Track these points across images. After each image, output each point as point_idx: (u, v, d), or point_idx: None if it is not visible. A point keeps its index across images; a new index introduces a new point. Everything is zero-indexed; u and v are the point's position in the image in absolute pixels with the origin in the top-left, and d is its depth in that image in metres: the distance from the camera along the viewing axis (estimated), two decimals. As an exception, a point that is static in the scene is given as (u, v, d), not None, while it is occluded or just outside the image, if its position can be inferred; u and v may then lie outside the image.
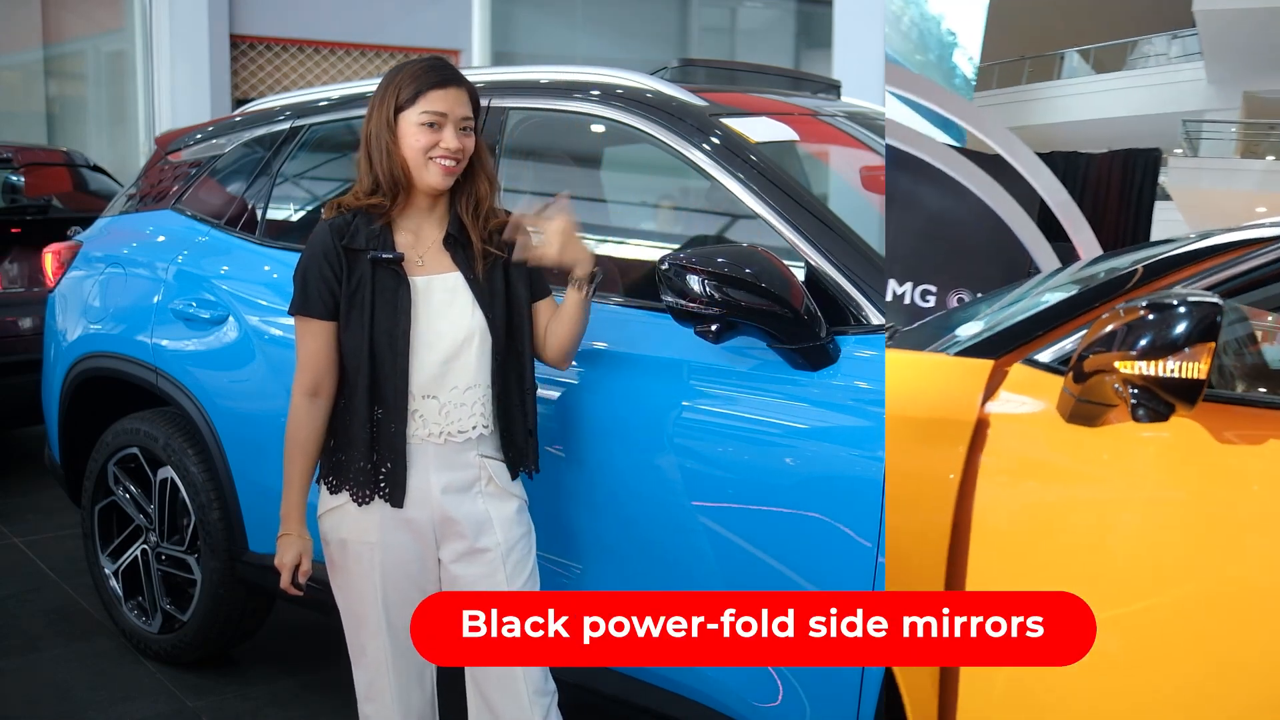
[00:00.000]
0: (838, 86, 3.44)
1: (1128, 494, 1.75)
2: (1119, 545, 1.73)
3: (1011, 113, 12.97)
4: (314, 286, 2.17)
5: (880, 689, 2.06)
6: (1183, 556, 1.70)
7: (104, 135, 9.95)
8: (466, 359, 2.19)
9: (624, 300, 2.61)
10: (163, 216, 3.64)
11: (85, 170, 6.11)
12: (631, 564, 2.45)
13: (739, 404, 2.29)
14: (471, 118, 2.19)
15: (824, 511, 2.16)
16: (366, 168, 2.19)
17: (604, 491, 2.47)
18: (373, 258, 2.15)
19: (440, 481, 2.21)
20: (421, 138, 2.14)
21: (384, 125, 2.16)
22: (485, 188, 2.24)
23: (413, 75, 2.16)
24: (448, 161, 2.15)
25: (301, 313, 2.19)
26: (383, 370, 2.15)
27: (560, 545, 2.53)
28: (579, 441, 2.50)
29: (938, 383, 1.93)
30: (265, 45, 9.18)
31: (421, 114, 2.13)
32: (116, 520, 3.61)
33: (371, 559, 2.22)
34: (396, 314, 2.15)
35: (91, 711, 3.26)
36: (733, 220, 2.67)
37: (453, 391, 2.19)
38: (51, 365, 3.84)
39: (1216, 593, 1.67)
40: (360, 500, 2.19)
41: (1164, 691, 1.70)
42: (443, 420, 2.19)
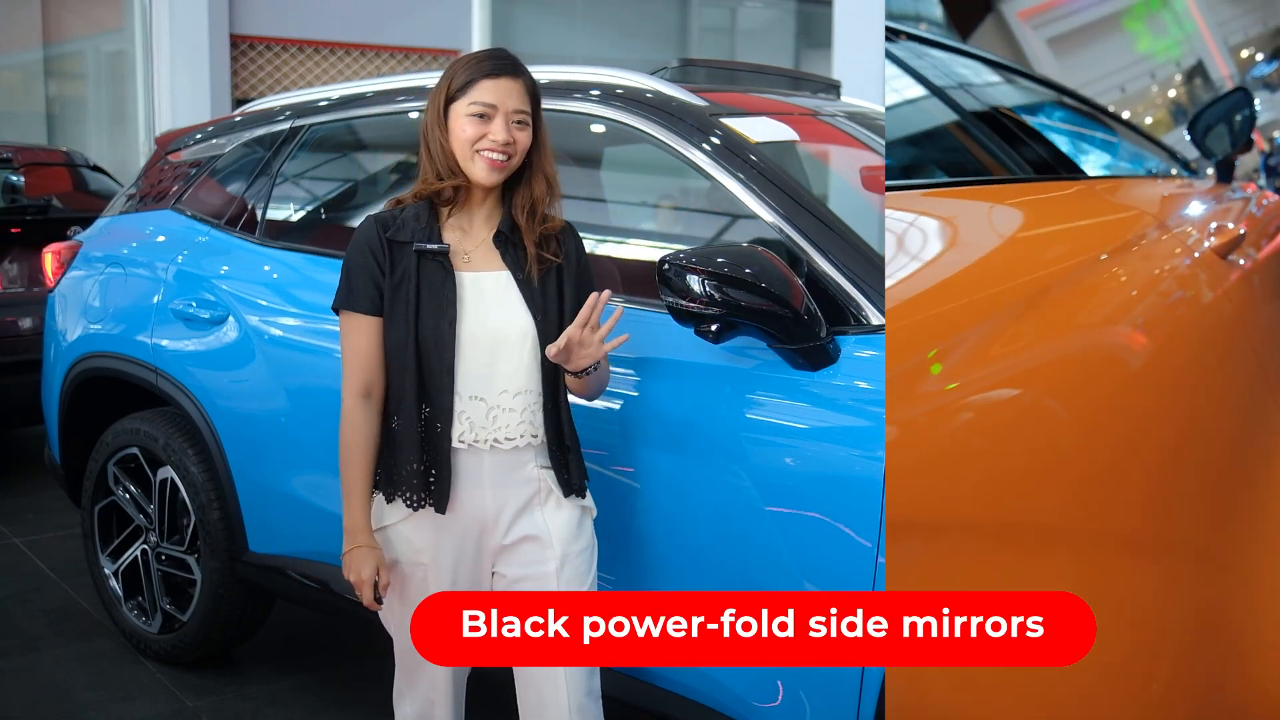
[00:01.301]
0: (838, 86, 3.44)
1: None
2: None
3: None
4: (358, 280, 2.09)
5: (880, 689, 2.06)
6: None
7: (104, 135, 9.95)
8: (517, 362, 2.10)
9: (623, 300, 2.61)
10: (163, 216, 3.64)
11: (85, 170, 6.11)
12: (633, 564, 2.45)
13: (739, 404, 2.29)
14: (527, 111, 2.09)
15: (824, 511, 2.16)
16: (427, 161, 2.12)
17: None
18: (418, 250, 2.08)
19: (493, 491, 2.11)
20: (469, 128, 2.05)
21: (436, 117, 2.09)
22: (542, 189, 2.14)
23: (466, 65, 2.08)
24: (496, 155, 2.06)
25: (346, 307, 2.11)
26: (429, 366, 2.06)
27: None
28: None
29: None
30: (265, 45, 9.18)
31: (470, 104, 2.05)
32: (116, 520, 3.61)
33: (424, 580, 2.12)
34: (442, 307, 2.06)
35: (91, 711, 3.26)
36: (733, 220, 2.67)
37: (502, 395, 2.09)
38: (51, 365, 3.84)
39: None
40: (414, 505, 2.09)
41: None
42: (490, 424, 2.09)
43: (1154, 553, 1.76)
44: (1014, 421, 1.55)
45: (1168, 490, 1.84)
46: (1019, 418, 1.56)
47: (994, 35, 8.96)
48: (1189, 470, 1.94)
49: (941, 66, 2.94)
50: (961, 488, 1.45)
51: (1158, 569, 1.76)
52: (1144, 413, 1.83)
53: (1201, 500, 1.97)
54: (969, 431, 1.49)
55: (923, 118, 2.62)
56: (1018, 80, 3.56)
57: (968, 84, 3.04)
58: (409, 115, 3.17)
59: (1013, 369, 1.61)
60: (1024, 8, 9.01)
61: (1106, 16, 9.18)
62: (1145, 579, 1.73)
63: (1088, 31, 9.18)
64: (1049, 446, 1.58)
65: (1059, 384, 1.66)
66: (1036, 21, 9.03)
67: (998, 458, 1.50)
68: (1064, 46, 9.09)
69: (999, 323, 1.65)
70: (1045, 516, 1.56)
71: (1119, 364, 1.84)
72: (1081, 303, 1.87)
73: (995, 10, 9.04)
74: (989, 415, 1.53)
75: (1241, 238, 2.78)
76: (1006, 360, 1.61)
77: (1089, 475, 1.64)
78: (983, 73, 3.30)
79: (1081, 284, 1.92)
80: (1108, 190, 3.00)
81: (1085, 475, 1.63)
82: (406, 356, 2.06)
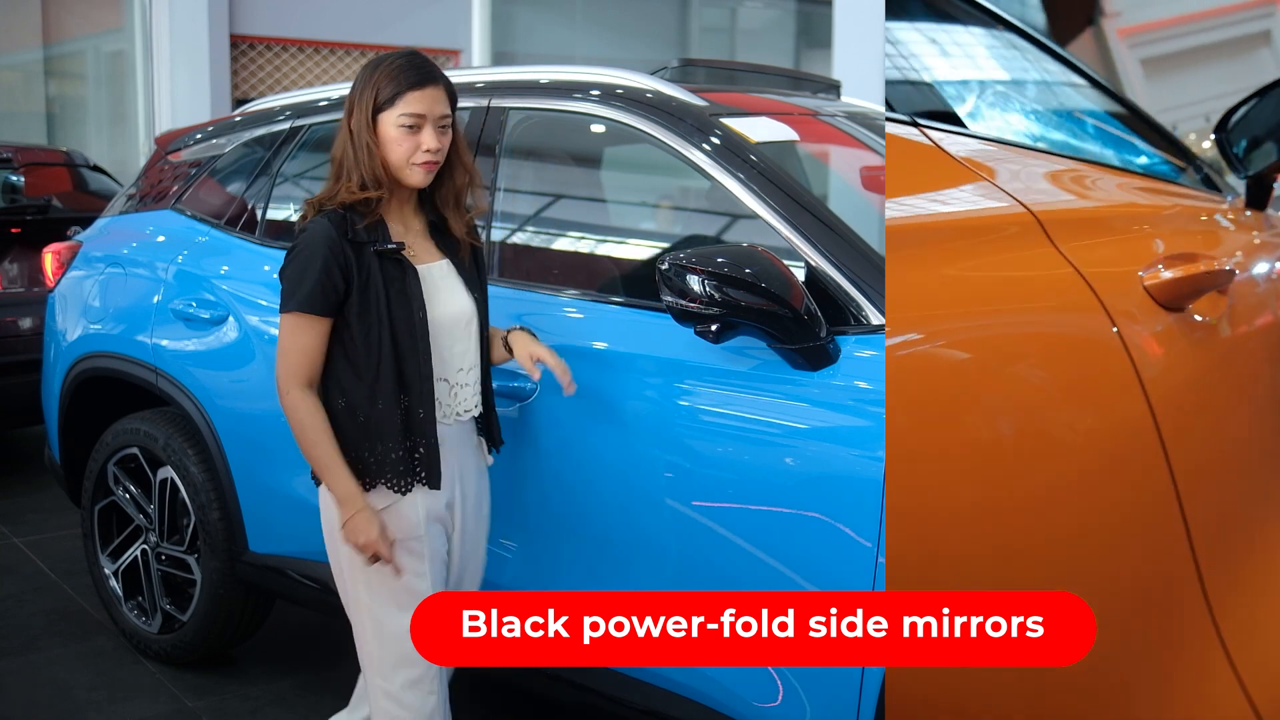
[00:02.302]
0: (838, 86, 3.44)
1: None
2: None
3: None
4: (318, 283, 2.14)
5: (880, 689, 2.06)
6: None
7: (104, 135, 9.95)
8: (467, 342, 2.30)
9: (624, 300, 2.61)
10: (163, 216, 3.64)
11: (85, 170, 6.11)
12: (633, 566, 2.45)
13: (739, 404, 2.29)
14: (449, 114, 2.23)
15: (824, 511, 2.16)
16: (353, 164, 2.19)
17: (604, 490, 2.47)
18: (377, 250, 2.18)
19: (460, 460, 2.33)
20: (404, 141, 2.17)
21: (364, 125, 2.18)
22: (464, 179, 2.30)
23: (390, 75, 2.17)
24: (430, 160, 2.20)
25: (305, 310, 2.16)
26: (406, 358, 2.19)
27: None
28: (575, 438, 2.50)
29: None
30: (265, 45, 9.18)
31: (400, 116, 2.16)
32: (116, 520, 3.61)
33: (421, 553, 2.25)
34: (410, 302, 2.19)
35: (91, 711, 3.26)
36: (733, 220, 2.67)
37: (459, 373, 2.30)
38: (51, 365, 3.84)
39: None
40: (401, 489, 2.20)
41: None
42: (452, 401, 2.29)
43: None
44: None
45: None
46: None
47: (1088, 48, 9.06)
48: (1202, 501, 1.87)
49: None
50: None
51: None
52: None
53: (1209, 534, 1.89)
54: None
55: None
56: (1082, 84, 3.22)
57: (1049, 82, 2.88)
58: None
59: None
60: (1126, 25, 9.09)
61: (1207, 45, 9.20)
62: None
63: (1183, 57, 9.24)
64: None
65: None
66: (1135, 41, 9.14)
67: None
68: (1157, 68, 9.18)
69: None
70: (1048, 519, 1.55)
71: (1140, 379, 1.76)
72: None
73: (1096, 25, 9.13)
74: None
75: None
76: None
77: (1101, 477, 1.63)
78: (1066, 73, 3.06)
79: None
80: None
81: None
82: (383, 353, 2.17)
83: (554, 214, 3.21)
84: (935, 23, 2.55)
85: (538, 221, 3.17)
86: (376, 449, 2.19)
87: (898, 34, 2.17)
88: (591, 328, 2.59)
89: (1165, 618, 1.77)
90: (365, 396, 2.19)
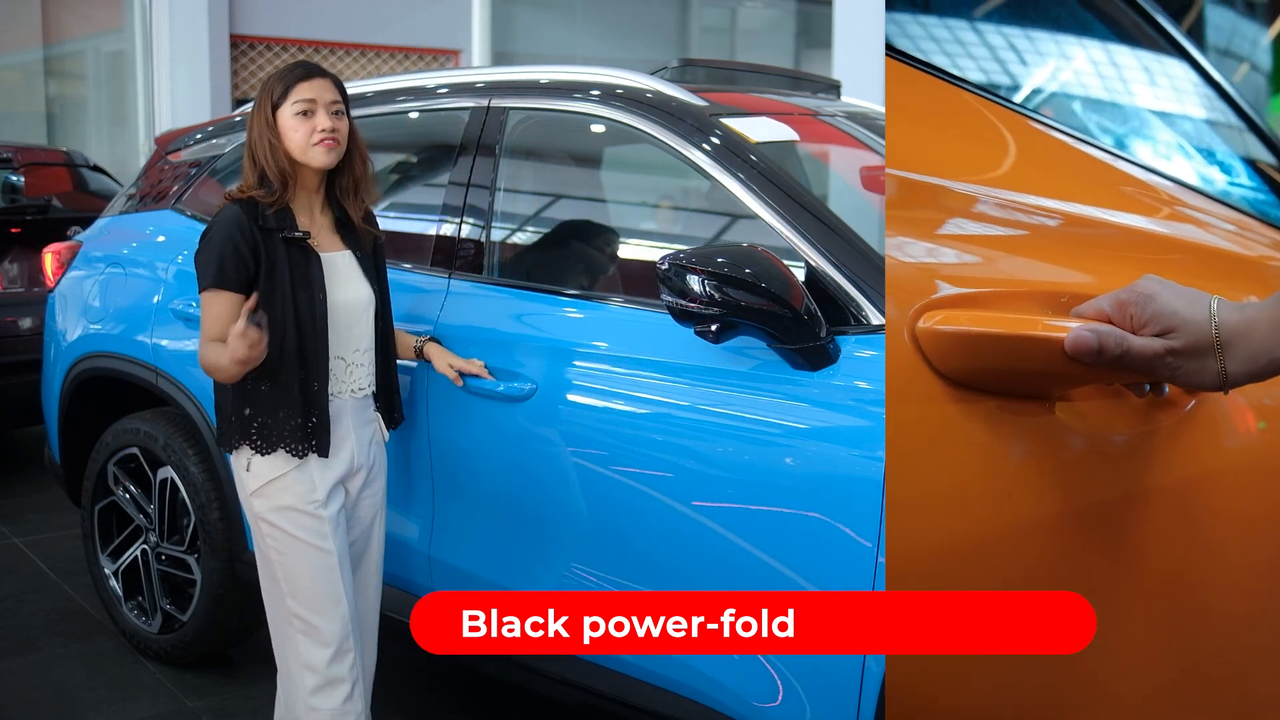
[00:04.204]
0: (838, 86, 3.44)
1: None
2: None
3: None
4: (231, 263, 2.37)
5: (880, 689, 2.06)
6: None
7: (104, 135, 9.96)
8: (364, 325, 2.53)
9: (624, 300, 2.61)
10: (163, 216, 3.64)
11: (85, 170, 6.11)
12: (633, 565, 2.45)
13: (739, 404, 2.30)
14: (340, 101, 2.45)
15: (824, 511, 2.16)
16: (250, 166, 2.44)
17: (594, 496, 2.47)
18: (285, 237, 2.41)
19: (356, 432, 2.54)
20: (300, 126, 2.40)
21: (264, 125, 2.42)
22: (361, 167, 2.52)
23: (280, 76, 2.44)
24: (327, 138, 2.40)
25: (220, 287, 2.38)
26: (306, 336, 2.42)
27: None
28: (567, 436, 2.51)
29: None
30: (265, 45, 9.19)
31: (294, 104, 2.40)
32: (116, 520, 3.61)
33: (320, 516, 2.46)
34: (313, 287, 2.43)
35: (91, 712, 3.26)
36: (733, 220, 2.67)
37: (355, 353, 2.52)
38: (51, 365, 3.84)
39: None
40: (299, 454, 2.43)
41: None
42: (348, 379, 2.52)
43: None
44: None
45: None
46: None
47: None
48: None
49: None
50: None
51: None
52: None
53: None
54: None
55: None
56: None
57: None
58: (409, 115, 3.17)
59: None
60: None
61: None
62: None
63: None
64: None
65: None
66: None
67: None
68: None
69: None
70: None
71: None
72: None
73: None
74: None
75: None
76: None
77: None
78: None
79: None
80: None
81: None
82: (286, 330, 2.40)
83: (554, 214, 3.21)
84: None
85: (538, 221, 3.17)
86: (278, 414, 2.42)
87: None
88: (591, 327, 2.59)
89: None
90: (269, 369, 2.39)
